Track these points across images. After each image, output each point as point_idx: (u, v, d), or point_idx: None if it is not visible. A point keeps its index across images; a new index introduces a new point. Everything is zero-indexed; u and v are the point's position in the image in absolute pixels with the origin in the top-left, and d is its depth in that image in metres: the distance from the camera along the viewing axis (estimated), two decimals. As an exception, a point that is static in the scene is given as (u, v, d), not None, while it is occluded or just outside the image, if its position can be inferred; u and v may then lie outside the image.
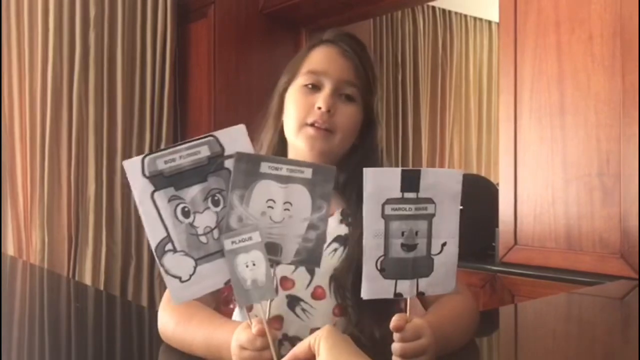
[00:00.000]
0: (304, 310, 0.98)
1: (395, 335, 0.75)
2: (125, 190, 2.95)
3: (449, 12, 4.56)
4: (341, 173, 1.07)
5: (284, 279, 0.99)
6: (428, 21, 4.42)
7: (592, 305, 1.46)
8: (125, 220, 2.97)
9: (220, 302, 1.06)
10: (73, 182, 2.83)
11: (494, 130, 4.70)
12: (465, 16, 4.69)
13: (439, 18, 4.49)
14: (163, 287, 0.99)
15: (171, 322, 0.89)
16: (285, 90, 1.10)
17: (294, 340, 0.97)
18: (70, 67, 2.83)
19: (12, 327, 1.10)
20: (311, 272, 1.00)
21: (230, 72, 3.04)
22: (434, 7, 4.44)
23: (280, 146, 1.11)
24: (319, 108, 1.03)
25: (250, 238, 0.71)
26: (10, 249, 2.75)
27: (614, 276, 1.63)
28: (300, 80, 1.07)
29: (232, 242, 0.71)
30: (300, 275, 0.99)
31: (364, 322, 0.96)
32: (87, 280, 2.81)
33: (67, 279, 2.34)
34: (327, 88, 1.04)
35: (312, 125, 1.03)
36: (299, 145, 1.05)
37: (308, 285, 0.99)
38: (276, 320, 0.97)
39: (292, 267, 0.98)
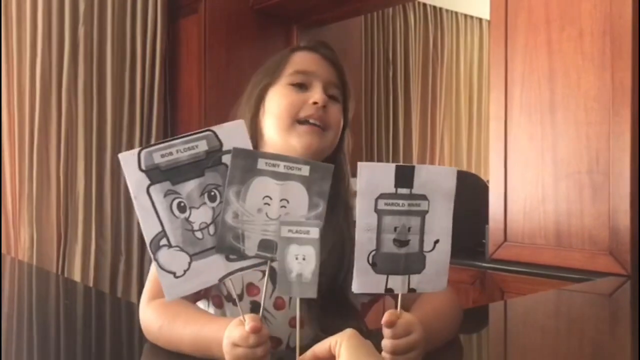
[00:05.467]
0: (265, 317, 0.98)
1: (386, 332, 0.75)
2: (114, 186, 2.94)
3: (440, 9, 4.57)
4: None
5: (250, 285, 1.00)
6: (419, 18, 4.43)
7: (581, 302, 1.47)
8: (114, 217, 2.95)
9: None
10: (62, 179, 2.81)
11: (485, 127, 4.72)
12: (456, 13, 4.70)
13: (430, 15, 4.50)
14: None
15: (156, 321, 0.89)
16: (265, 91, 1.07)
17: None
18: (59, 62, 2.81)
19: (0, 324, 1.09)
20: (274, 282, 0.99)
21: (220, 68, 3.03)
22: (424, 4, 4.45)
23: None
24: (314, 103, 1.02)
25: (308, 232, 0.70)
26: (-2, 246, 2.73)
27: (603, 273, 1.65)
28: (287, 79, 1.05)
29: (289, 230, 0.69)
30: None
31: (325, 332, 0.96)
32: (77, 277, 2.79)
33: (56, 276, 2.33)
34: (318, 86, 1.04)
35: (304, 122, 1.02)
36: (291, 143, 1.02)
37: (271, 294, 1.00)
38: None
39: (260, 274, 0.97)
